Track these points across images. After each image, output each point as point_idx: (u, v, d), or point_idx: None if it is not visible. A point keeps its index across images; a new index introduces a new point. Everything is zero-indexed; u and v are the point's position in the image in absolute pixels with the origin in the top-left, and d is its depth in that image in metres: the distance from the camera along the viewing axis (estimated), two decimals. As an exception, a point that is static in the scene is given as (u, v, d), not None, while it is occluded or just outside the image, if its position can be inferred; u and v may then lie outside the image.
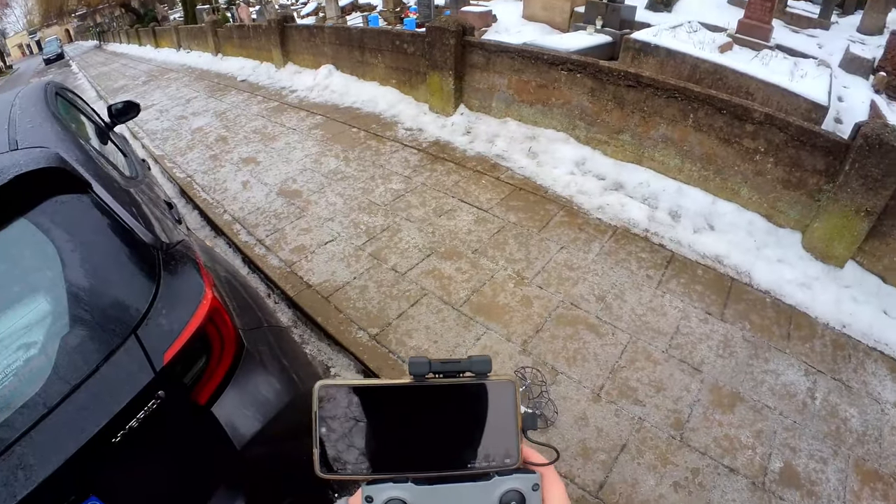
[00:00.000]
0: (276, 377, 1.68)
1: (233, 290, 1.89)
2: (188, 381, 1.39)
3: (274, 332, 1.94)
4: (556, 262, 3.78)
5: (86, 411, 1.15)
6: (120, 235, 1.46)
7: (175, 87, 9.68)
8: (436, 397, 0.51)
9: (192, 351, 1.37)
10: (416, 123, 6.05)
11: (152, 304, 1.34)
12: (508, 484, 0.50)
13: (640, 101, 4.37)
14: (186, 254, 1.66)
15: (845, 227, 3.66)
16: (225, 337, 1.50)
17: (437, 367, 0.51)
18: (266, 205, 4.79)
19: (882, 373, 3.16)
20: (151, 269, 1.43)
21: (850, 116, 6.23)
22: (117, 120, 3.16)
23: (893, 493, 2.52)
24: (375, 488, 0.48)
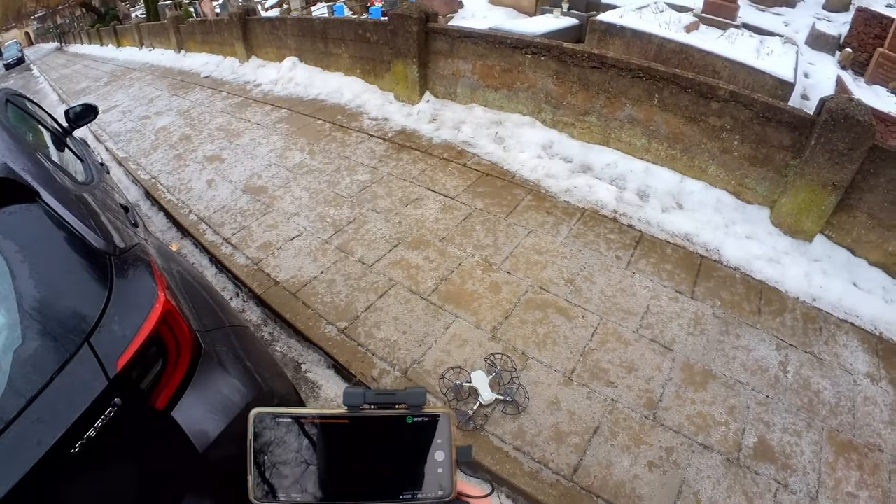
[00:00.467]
0: (238, 378, 1.64)
1: (191, 292, 1.87)
2: (145, 386, 1.37)
3: (236, 332, 1.91)
4: (524, 246, 3.73)
5: (42, 424, 1.13)
6: (70, 243, 1.45)
7: (138, 87, 9.43)
8: (370, 428, 0.52)
9: (146, 356, 1.36)
10: (381, 113, 5.94)
11: (105, 311, 1.33)
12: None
13: (606, 83, 4.33)
14: (140, 257, 1.64)
15: (813, 201, 3.67)
16: (180, 340, 1.48)
17: (371, 398, 0.52)
18: (231, 202, 4.67)
19: (853, 344, 3.18)
20: (103, 275, 1.42)
21: (816, 93, 6.28)
22: (75, 124, 3.12)
23: (868, 462, 2.53)
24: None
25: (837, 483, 2.44)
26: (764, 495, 2.36)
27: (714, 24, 8.00)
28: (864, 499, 2.39)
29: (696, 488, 2.36)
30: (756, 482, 2.40)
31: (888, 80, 6.83)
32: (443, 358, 2.92)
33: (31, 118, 2.59)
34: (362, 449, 0.52)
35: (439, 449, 0.52)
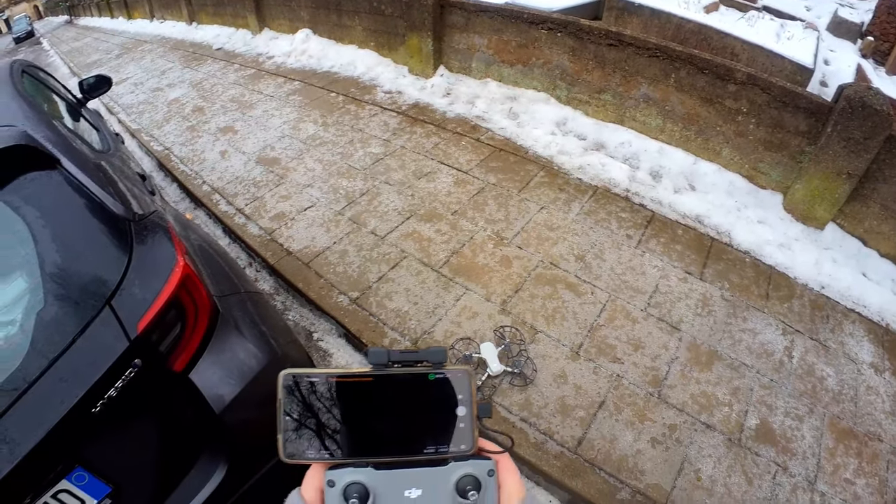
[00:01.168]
0: (253, 342, 1.67)
1: (208, 259, 1.89)
2: (164, 349, 1.39)
3: (251, 297, 1.93)
4: (535, 222, 3.75)
5: (64, 383, 1.16)
6: (91, 209, 1.47)
7: (149, 59, 9.37)
8: (395, 386, 0.53)
9: (166, 319, 1.38)
10: (395, 86, 5.91)
11: (125, 275, 1.35)
12: (464, 469, 0.52)
13: (622, 61, 4.29)
14: (159, 223, 1.66)
15: (827, 189, 3.65)
16: (199, 304, 1.50)
17: (395, 356, 0.53)
18: (245, 173, 4.68)
19: (859, 333, 3.19)
20: (123, 240, 1.45)
21: (835, 80, 6.17)
22: (89, 95, 3.14)
23: (867, 451, 2.56)
24: (337, 473, 0.50)
25: (836, 469, 2.47)
26: (763, 476, 2.39)
27: (734, 5, 7.87)
28: (860, 486, 2.42)
29: (697, 466, 2.40)
30: (756, 463, 2.44)
31: (910, 71, 6.73)
32: (453, 329, 2.96)
33: (47, 88, 2.60)
34: (387, 406, 0.54)
35: (460, 405, 0.54)
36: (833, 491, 2.39)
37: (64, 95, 2.83)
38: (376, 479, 0.50)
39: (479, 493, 0.51)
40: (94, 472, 1.25)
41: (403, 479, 0.51)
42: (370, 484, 0.50)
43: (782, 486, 2.37)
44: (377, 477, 0.51)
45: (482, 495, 0.51)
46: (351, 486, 0.49)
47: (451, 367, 0.54)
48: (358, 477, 0.50)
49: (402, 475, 0.51)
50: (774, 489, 2.36)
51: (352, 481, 0.50)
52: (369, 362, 0.53)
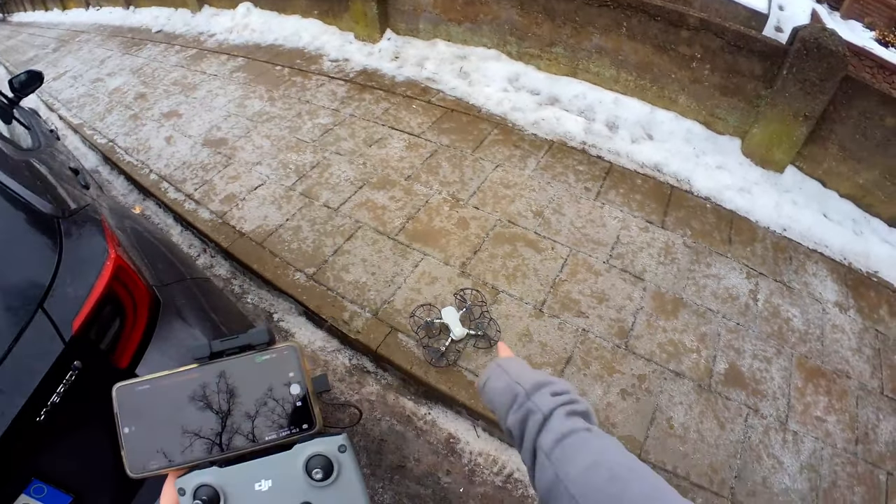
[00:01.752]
0: (200, 329, 1.65)
1: (148, 247, 1.87)
2: (105, 346, 1.36)
3: (198, 284, 1.90)
4: (491, 181, 3.65)
5: (3, 395, 1.12)
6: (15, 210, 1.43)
7: (87, 49, 8.86)
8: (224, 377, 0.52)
9: (103, 315, 1.35)
10: (341, 54, 5.67)
11: (56, 275, 1.32)
12: (311, 449, 0.50)
13: (572, 12, 4.15)
14: (91, 217, 1.62)
15: (784, 132, 3.62)
16: (136, 296, 1.48)
17: (216, 346, 0.53)
18: (192, 158, 4.46)
19: (822, 273, 3.20)
20: (53, 238, 1.41)
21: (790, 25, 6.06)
22: (20, 93, 3.00)
23: (836, 388, 2.58)
24: (185, 479, 0.49)
25: (806, 408, 2.49)
26: (735, 420, 2.39)
27: (685, -46, 7.76)
28: (832, 423, 2.44)
29: (668, 414, 2.39)
30: (727, 407, 2.43)
31: (864, 15, 6.73)
32: (413, 296, 2.86)
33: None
34: (221, 399, 0.52)
35: (293, 383, 0.52)
36: (805, 430, 2.40)
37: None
38: (223, 477, 0.49)
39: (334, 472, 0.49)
40: (51, 483, 1.21)
41: (251, 471, 0.50)
42: (218, 483, 0.48)
43: (754, 429, 2.37)
44: (224, 475, 0.49)
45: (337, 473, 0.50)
46: (199, 489, 0.48)
47: (277, 346, 0.54)
48: (204, 478, 0.49)
49: (249, 468, 0.50)
50: (747, 432, 2.36)
51: (199, 484, 0.48)
52: (193, 359, 0.52)
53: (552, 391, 0.70)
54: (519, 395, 0.72)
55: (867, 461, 2.35)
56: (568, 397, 0.69)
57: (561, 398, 0.68)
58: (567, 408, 0.67)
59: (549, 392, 0.70)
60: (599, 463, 0.56)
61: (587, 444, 0.61)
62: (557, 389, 0.71)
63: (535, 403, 0.69)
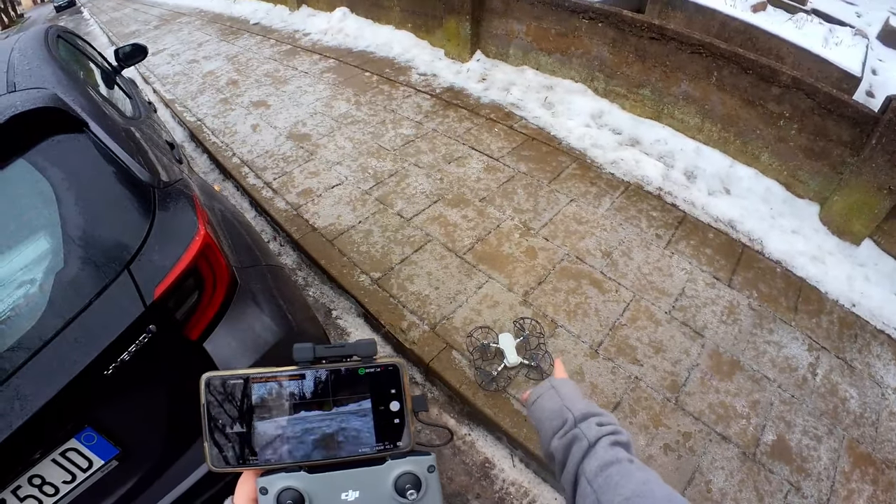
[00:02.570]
0: (269, 315, 1.68)
1: (231, 230, 1.89)
2: (180, 316, 1.40)
3: (272, 271, 1.93)
4: (564, 214, 3.69)
5: (78, 345, 1.18)
6: (116, 174, 1.47)
7: (187, 31, 9.43)
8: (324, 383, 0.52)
9: (183, 287, 1.39)
10: (430, 69, 5.86)
11: (146, 241, 1.36)
12: (403, 467, 0.50)
13: (663, 56, 4.18)
14: (183, 192, 1.65)
15: (866, 203, 3.52)
16: (217, 274, 1.51)
17: (321, 352, 0.52)
18: (275, 148, 4.71)
19: (887, 356, 3.08)
20: (146, 206, 1.45)
21: (883, 91, 5.92)
22: (124, 63, 3.17)
23: (884, 478, 2.48)
24: (269, 479, 0.49)
25: (850, 494, 2.39)
26: (775, 494, 2.33)
27: (782, 6, 7.57)
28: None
29: (708, 477, 2.35)
30: (769, 480, 2.38)
31: (962, 83, 6.42)
32: (472, 317, 2.94)
33: (82, 55, 2.62)
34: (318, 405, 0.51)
35: (394, 399, 0.52)
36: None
37: (99, 63, 2.86)
38: (311, 482, 0.49)
39: (420, 491, 0.49)
40: (103, 434, 1.28)
41: (339, 480, 0.50)
42: (304, 488, 0.48)
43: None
44: (311, 481, 0.49)
45: (423, 493, 0.50)
46: (284, 491, 0.48)
47: (382, 361, 0.53)
48: (291, 482, 0.48)
49: (337, 477, 0.50)
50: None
51: (285, 487, 0.48)
52: (294, 360, 0.52)
53: (599, 421, 0.75)
54: (568, 420, 0.76)
55: None
56: (613, 428, 0.73)
57: (606, 428, 0.73)
58: (612, 438, 0.71)
59: (595, 422, 0.75)
60: (641, 494, 0.60)
61: (630, 475, 0.64)
62: (604, 420, 0.76)
63: (582, 431, 0.73)
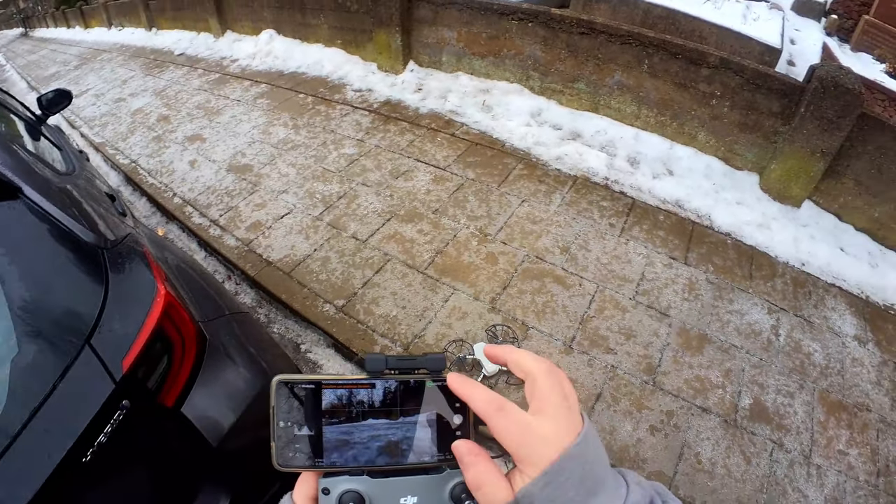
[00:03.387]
0: (244, 367, 1.62)
1: (189, 281, 1.80)
2: (152, 384, 1.32)
3: (237, 319, 1.85)
4: (518, 216, 3.72)
5: (50, 435, 1.08)
6: (60, 240, 1.37)
7: (110, 69, 9.06)
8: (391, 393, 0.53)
9: (152, 353, 1.31)
10: (364, 84, 5.81)
11: (103, 310, 1.26)
12: (459, 477, 0.51)
13: (594, 49, 4.27)
14: (134, 249, 1.56)
15: (801, 167, 3.70)
16: (185, 333, 1.43)
17: (392, 363, 0.53)
18: (217, 183, 4.54)
19: (841, 308, 3.25)
20: (98, 270, 1.35)
21: (802, 59, 6.28)
22: (48, 112, 2.96)
23: (857, 421, 2.62)
24: (331, 480, 0.50)
25: (829, 442, 2.53)
26: (761, 455, 2.43)
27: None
28: (853, 456, 2.48)
29: (696, 450, 2.42)
30: (753, 442, 2.47)
31: (873, 48, 6.86)
32: (444, 331, 2.91)
33: (2, 107, 2.48)
34: (383, 412, 0.53)
35: (457, 412, 0.53)
36: (828, 463, 2.45)
37: (21, 114, 2.69)
38: (372, 486, 0.50)
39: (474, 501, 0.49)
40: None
41: (399, 486, 0.51)
42: (365, 492, 0.49)
43: (779, 463, 2.42)
44: (372, 485, 0.50)
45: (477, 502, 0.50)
46: (346, 493, 0.49)
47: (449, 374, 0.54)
48: (353, 485, 0.49)
49: (397, 483, 0.51)
50: (772, 466, 2.40)
51: (347, 489, 0.49)
52: (366, 369, 0.52)
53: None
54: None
55: (889, 493, 2.39)
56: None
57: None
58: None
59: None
60: None
61: None
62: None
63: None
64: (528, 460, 0.42)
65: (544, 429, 0.43)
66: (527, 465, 0.42)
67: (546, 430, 0.43)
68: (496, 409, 0.46)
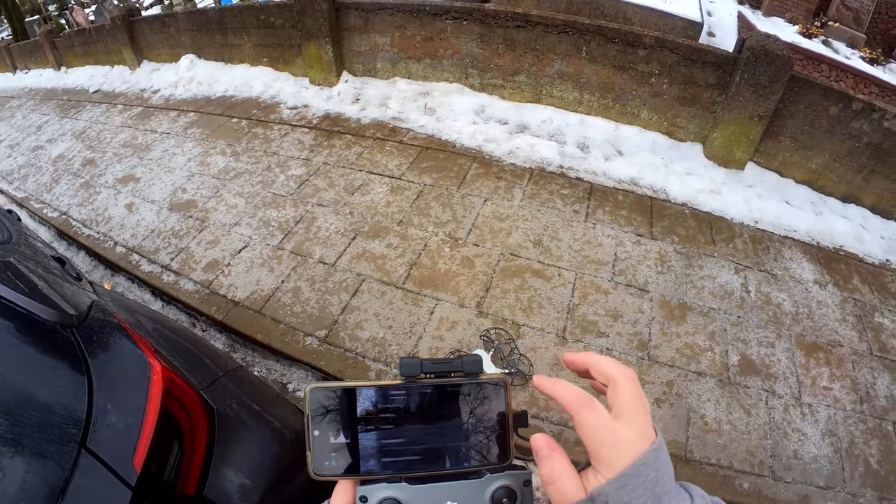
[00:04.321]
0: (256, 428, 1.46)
1: (172, 345, 1.58)
2: (168, 475, 1.13)
3: (232, 377, 1.64)
4: (484, 216, 3.71)
5: None
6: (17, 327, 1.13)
7: (21, 115, 8.37)
8: (428, 397, 0.52)
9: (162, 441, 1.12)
10: (299, 100, 5.63)
11: (91, 402, 1.05)
12: (500, 481, 0.51)
13: (532, 41, 4.32)
14: (106, 320, 1.35)
15: (741, 132, 3.90)
16: (190, 409, 1.26)
17: (428, 367, 0.52)
18: (160, 224, 4.23)
19: (798, 257, 3.47)
20: (73, 355, 1.13)
21: (720, 29, 6.61)
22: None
23: (833, 357, 2.83)
24: (369, 488, 0.49)
25: (813, 381, 2.72)
26: (758, 405, 2.58)
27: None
28: (837, 389, 2.69)
29: (701, 413, 2.54)
30: (748, 395, 2.62)
31: (784, 11, 7.25)
32: (436, 344, 2.87)
33: None
34: (420, 418, 0.52)
35: (497, 415, 0.53)
36: (817, 400, 2.63)
37: None
38: (410, 493, 0.49)
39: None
40: None
41: (438, 492, 0.50)
42: (404, 499, 0.49)
43: (775, 409, 2.57)
44: (411, 492, 0.49)
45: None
46: (385, 501, 0.48)
47: (487, 377, 0.53)
48: (392, 492, 0.49)
49: (436, 489, 0.50)
50: (770, 413, 2.55)
51: (385, 497, 0.48)
52: (401, 374, 0.52)
53: None
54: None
55: (874, 416, 2.60)
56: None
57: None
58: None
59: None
60: None
61: None
62: None
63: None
64: (606, 460, 0.44)
65: (626, 432, 0.45)
66: (603, 465, 0.44)
67: (627, 434, 0.45)
68: (584, 405, 0.47)
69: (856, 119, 3.62)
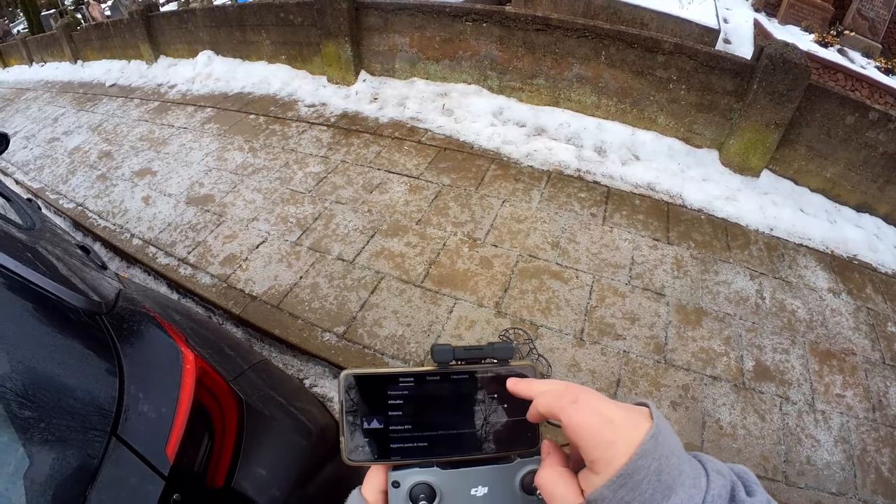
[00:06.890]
0: (282, 421, 1.47)
1: (201, 337, 1.57)
2: (198, 467, 1.13)
3: (258, 370, 1.63)
4: (502, 217, 3.74)
5: None
6: (48, 313, 1.09)
7: (37, 107, 8.44)
8: (459, 383, 0.53)
9: (194, 431, 1.11)
10: (317, 98, 5.68)
11: (123, 390, 1.03)
12: (530, 466, 0.52)
13: (551, 44, 4.35)
14: (136, 309, 1.33)
15: (758, 140, 3.92)
16: (222, 400, 1.25)
17: (460, 353, 0.53)
18: (177, 218, 4.26)
19: (812, 264, 3.48)
20: (103, 343, 1.10)
21: (736, 36, 6.63)
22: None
23: (846, 365, 2.85)
24: (402, 473, 0.50)
25: (827, 388, 2.74)
26: (772, 410, 2.60)
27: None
28: (850, 397, 2.71)
29: (716, 417, 2.56)
30: (763, 400, 2.64)
31: (800, 20, 7.26)
32: (455, 343, 2.89)
33: None
34: (452, 404, 0.53)
35: (526, 401, 0.52)
36: (830, 407, 2.65)
37: None
38: (442, 478, 0.50)
39: None
40: None
41: (469, 477, 0.51)
42: (436, 483, 0.50)
43: (789, 415, 2.59)
44: (443, 476, 0.50)
45: None
46: (417, 486, 0.49)
47: (517, 363, 0.55)
48: (424, 477, 0.50)
49: (467, 473, 0.51)
50: (784, 419, 2.57)
51: (418, 481, 0.50)
52: (434, 360, 0.53)
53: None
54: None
55: (886, 424, 2.62)
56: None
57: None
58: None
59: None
60: None
61: None
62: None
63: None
64: (602, 460, 0.40)
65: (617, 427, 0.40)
66: (599, 464, 0.40)
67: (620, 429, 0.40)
68: (570, 402, 0.42)
69: (872, 129, 3.64)
